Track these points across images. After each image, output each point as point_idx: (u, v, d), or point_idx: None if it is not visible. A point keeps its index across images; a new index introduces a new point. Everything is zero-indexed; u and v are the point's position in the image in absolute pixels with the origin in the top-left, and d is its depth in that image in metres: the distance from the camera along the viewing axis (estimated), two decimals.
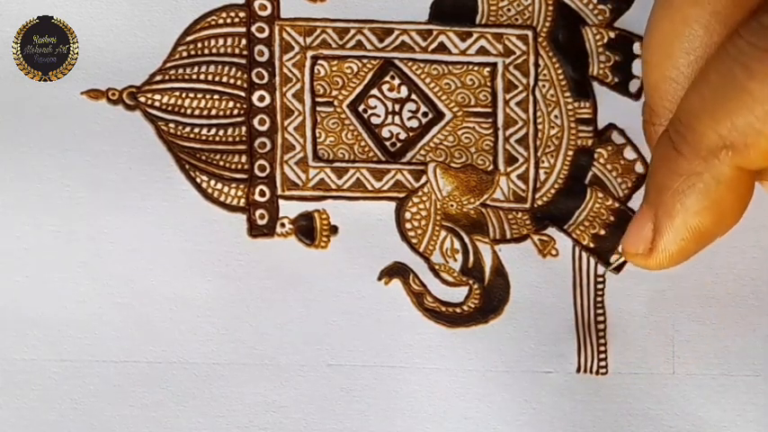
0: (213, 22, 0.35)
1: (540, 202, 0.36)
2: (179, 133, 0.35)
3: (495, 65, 0.36)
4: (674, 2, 0.28)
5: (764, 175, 0.29)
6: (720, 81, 0.27)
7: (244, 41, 0.35)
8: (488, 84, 0.36)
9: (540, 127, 0.36)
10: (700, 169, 0.27)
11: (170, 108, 0.35)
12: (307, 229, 0.35)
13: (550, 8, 0.36)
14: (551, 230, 0.36)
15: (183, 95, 0.35)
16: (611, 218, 0.36)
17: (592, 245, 0.36)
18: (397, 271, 0.35)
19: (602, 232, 0.36)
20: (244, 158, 0.35)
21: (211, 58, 0.35)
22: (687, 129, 0.27)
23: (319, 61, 0.35)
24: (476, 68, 0.36)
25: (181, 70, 0.35)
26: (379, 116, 0.36)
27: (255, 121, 0.35)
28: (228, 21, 0.35)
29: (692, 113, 0.27)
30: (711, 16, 0.28)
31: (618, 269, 0.36)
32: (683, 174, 0.28)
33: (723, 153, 0.27)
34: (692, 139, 0.27)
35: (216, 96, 0.35)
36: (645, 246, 0.29)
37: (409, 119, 0.36)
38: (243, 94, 0.35)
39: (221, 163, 0.35)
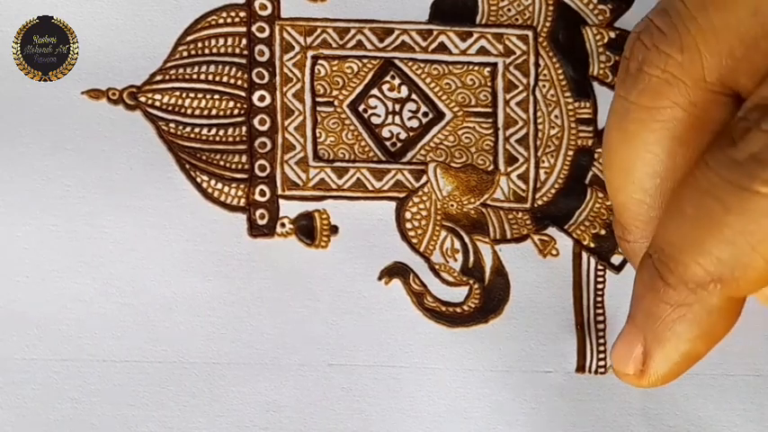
0: (213, 22, 0.35)
1: (540, 202, 0.36)
2: (179, 133, 0.35)
3: (495, 65, 0.36)
4: (629, 128, 0.28)
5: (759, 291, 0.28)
6: (697, 215, 0.26)
7: (244, 41, 0.35)
8: (489, 84, 0.36)
9: (540, 127, 0.36)
10: (689, 300, 0.27)
11: (170, 108, 0.35)
12: (307, 229, 0.35)
13: (551, 8, 0.36)
14: (552, 230, 0.36)
15: (184, 95, 0.35)
16: (612, 218, 0.36)
17: (592, 245, 0.36)
18: (397, 271, 0.35)
19: (603, 232, 0.36)
20: (244, 158, 0.35)
21: (212, 57, 0.35)
22: (671, 260, 0.27)
23: (320, 61, 0.35)
24: (476, 68, 0.36)
25: (181, 70, 0.35)
26: (379, 116, 0.36)
27: (256, 121, 0.35)
28: (229, 20, 0.35)
29: (675, 246, 0.26)
30: (672, 141, 0.27)
31: (618, 269, 0.36)
32: (672, 303, 0.27)
33: (712, 286, 0.26)
34: (678, 271, 0.26)
35: (216, 96, 0.35)
36: (636, 367, 0.28)
37: (409, 119, 0.36)
38: (243, 93, 0.35)
39: (221, 163, 0.35)
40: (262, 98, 0.35)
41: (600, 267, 0.36)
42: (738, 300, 0.27)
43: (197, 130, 0.35)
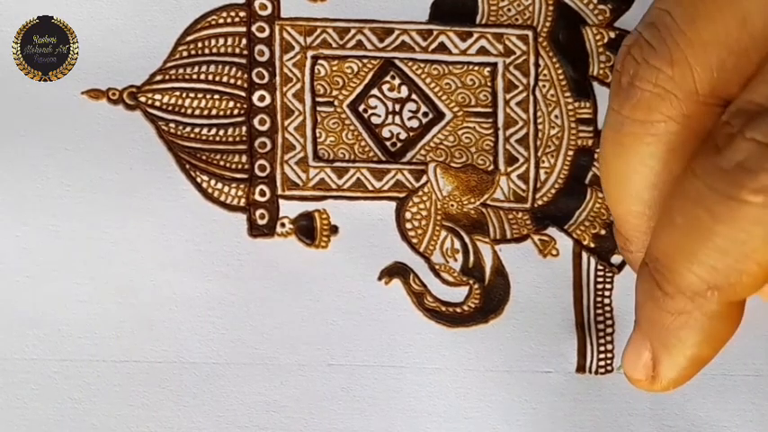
0: (213, 22, 0.35)
1: (540, 202, 0.36)
2: (179, 133, 0.35)
3: (495, 65, 0.36)
4: (623, 141, 0.28)
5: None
6: (687, 224, 0.26)
7: (244, 41, 0.35)
8: (489, 84, 0.36)
9: (540, 127, 0.36)
10: (688, 308, 0.27)
11: (170, 108, 0.35)
12: (307, 229, 0.35)
13: (551, 8, 0.36)
14: (552, 230, 0.36)
15: (184, 95, 0.35)
16: (612, 218, 0.36)
17: (593, 245, 0.36)
18: (397, 271, 0.35)
19: (603, 232, 0.36)
20: (244, 158, 0.35)
21: (212, 57, 0.35)
22: (667, 270, 0.27)
23: (320, 61, 0.35)
24: (476, 68, 0.36)
25: (181, 70, 0.35)
26: (379, 116, 0.36)
27: (256, 121, 0.35)
28: (229, 20, 0.35)
29: (668, 256, 0.27)
30: (667, 153, 0.27)
31: (619, 268, 0.36)
32: (673, 312, 0.27)
33: (709, 294, 0.26)
34: (674, 280, 0.26)
35: (216, 96, 0.35)
36: (647, 373, 0.29)
37: (409, 119, 0.36)
38: (243, 93, 0.35)
39: (221, 163, 0.35)
40: (262, 98, 0.35)
41: (600, 267, 0.36)
42: (738, 303, 0.27)
43: (197, 130, 0.35)
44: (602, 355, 0.35)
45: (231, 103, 0.35)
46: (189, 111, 0.35)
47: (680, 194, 0.26)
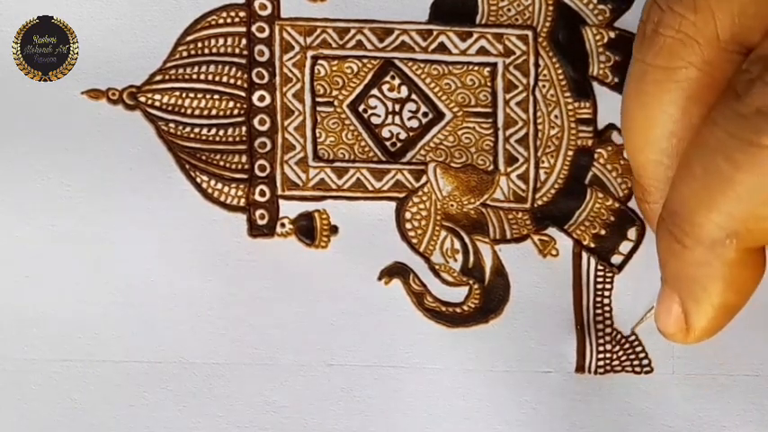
0: (213, 22, 0.35)
1: (540, 202, 0.36)
2: (179, 133, 0.35)
3: (495, 65, 0.36)
4: (646, 89, 0.28)
5: None
6: (707, 174, 0.26)
7: (244, 41, 0.35)
8: (488, 84, 0.36)
9: (540, 127, 0.36)
10: (708, 258, 0.27)
11: (170, 108, 0.35)
12: (307, 229, 0.35)
13: (550, 8, 0.36)
14: (551, 230, 0.36)
15: (184, 95, 0.35)
16: (612, 218, 0.36)
17: (593, 245, 0.36)
18: (397, 271, 0.35)
19: (603, 232, 0.36)
20: (244, 158, 0.35)
21: (211, 57, 0.35)
22: (685, 222, 0.27)
23: (319, 61, 0.35)
24: (476, 68, 0.36)
25: (181, 70, 0.35)
26: (379, 116, 0.36)
27: (256, 121, 0.35)
28: (229, 20, 0.35)
29: (687, 206, 0.27)
30: (687, 101, 0.28)
31: (619, 268, 0.36)
32: (694, 263, 0.28)
33: (728, 242, 0.27)
34: (693, 231, 0.27)
35: (216, 96, 0.35)
36: (680, 326, 0.29)
37: (409, 119, 0.36)
38: (243, 94, 0.35)
39: (221, 163, 0.35)
40: (262, 98, 0.35)
41: (600, 267, 0.36)
42: (759, 250, 0.27)
43: (197, 130, 0.35)
44: (601, 356, 0.35)
45: (231, 104, 0.35)
46: (189, 111, 0.35)
47: (699, 144, 0.26)
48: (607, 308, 0.36)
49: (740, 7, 0.27)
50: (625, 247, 0.36)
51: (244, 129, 0.35)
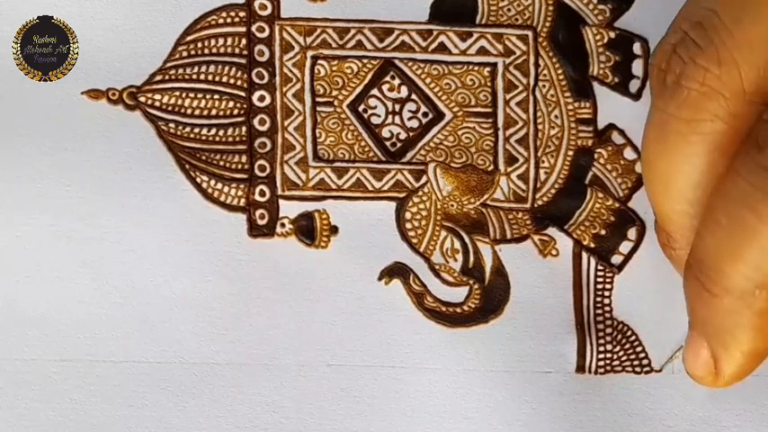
0: (213, 22, 0.35)
1: (540, 202, 0.36)
2: (179, 133, 0.35)
3: (495, 65, 0.36)
4: (668, 139, 0.28)
5: None
6: (732, 224, 0.26)
7: (244, 41, 0.35)
8: (488, 84, 0.36)
9: (540, 127, 0.36)
10: (738, 307, 0.27)
11: (170, 108, 0.35)
12: (307, 229, 0.35)
13: (550, 8, 0.36)
14: (552, 230, 0.36)
15: (183, 95, 0.35)
16: (612, 218, 0.36)
17: (593, 245, 0.36)
18: (397, 271, 0.35)
19: (603, 232, 0.36)
20: (244, 158, 0.35)
21: (211, 57, 0.35)
22: (712, 271, 0.27)
23: (319, 61, 0.35)
24: (476, 68, 0.36)
25: (181, 70, 0.35)
26: (379, 116, 0.36)
27: (255, 121, 0.35)
28: (228, 20, 0.35)
29: (713, 256, 0.27)
30: (713, 152, 0.27)
31: (619, 268, 0.36)
32: (723, 312, 0.27)
33: (757, 292, 0.26)
34: (721, 281, 0.27)
35: (216, 96, 0.35)
36: (708, 370, 0.29)
37: (409, 119, 0.36)
38: (243, 94, 0.35)
39: (221, 163, 0.35)
40: (261, 98, 0.35)
41: (600, 267, 0.36)
42: None
43: (197, 130, 0.35)
44: (601, 356, 0.35)
45: (231, 103, 0.35)
46: (189, 111, 0.35)
47: (723, 194, 0.26)
48: (607, 308, 0.36)
49: (766, 59, 0.26)
50: (625, 247, 0.36)
51: (244, 129, 0.35)
